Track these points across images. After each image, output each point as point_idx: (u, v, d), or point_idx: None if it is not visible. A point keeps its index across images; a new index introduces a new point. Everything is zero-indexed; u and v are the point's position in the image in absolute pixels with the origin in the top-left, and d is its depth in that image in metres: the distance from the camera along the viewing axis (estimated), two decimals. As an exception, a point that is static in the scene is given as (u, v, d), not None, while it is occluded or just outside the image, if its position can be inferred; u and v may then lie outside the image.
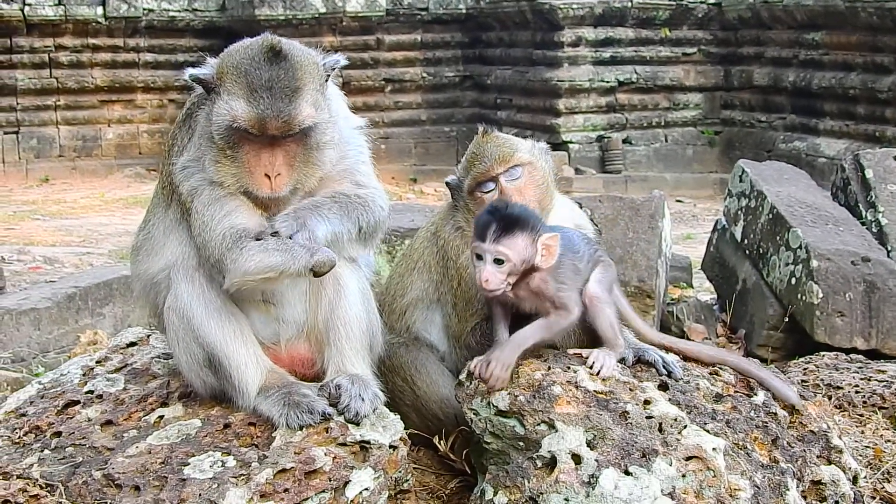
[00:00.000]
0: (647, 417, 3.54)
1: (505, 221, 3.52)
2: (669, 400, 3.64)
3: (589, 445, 3.43)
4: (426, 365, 4.14)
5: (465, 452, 3.87)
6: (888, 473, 4.25)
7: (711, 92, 21.48)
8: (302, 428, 3.51)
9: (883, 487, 4.12)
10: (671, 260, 7.21)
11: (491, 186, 4.03)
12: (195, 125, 3.69)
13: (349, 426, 3.53)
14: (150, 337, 4.44)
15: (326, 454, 3.42)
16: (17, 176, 20.93)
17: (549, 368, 3.65)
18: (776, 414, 3.79)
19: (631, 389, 3.64)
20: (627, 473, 3.36)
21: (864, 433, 4.71)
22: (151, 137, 22.01)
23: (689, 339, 6.14)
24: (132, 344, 4.40)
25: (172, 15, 21.86)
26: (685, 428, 3.54)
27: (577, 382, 3.60)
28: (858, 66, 18.28)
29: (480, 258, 3.54)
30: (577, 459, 3.40)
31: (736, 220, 7.30)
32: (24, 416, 3.90)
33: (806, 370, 5.57)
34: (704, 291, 8.62)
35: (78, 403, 3.90)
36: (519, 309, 3.70)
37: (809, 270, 6.27)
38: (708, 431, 3.56)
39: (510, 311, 3.72)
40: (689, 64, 21.36)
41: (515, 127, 20.09)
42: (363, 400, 3.57)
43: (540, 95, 20.94)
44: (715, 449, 3.48)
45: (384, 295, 4.36)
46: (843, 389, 5.21)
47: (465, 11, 22.32)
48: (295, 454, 3.42)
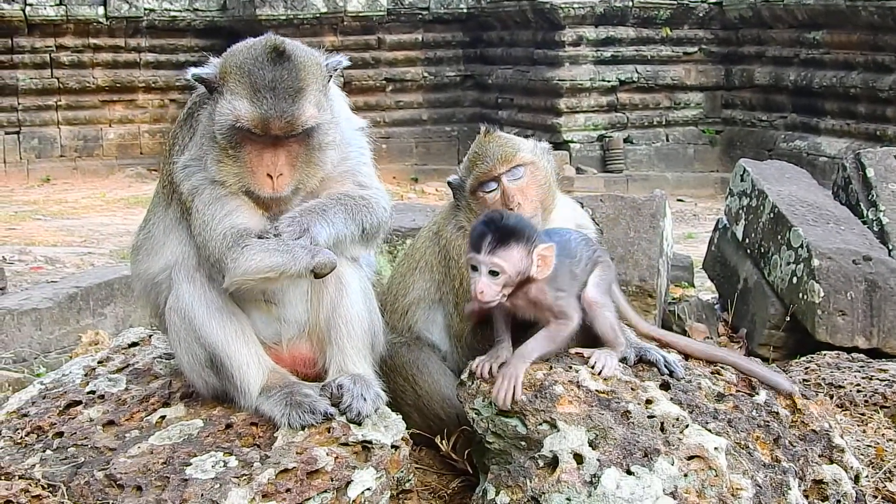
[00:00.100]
0: (648, 417, 3.54)
1: (500, 233, 3.48)
2: (671, 399, 3.64)
3: (591, 445, 3.43)
4: (428, 364, 4.13)
5: (466, 452, 3.87)
6: (890, 472, 4.24)
7: (712, 91, 21.46)
8: (304, 428, 3.51)
9: (885, 486, 4.12)
10: (672, 259, 7.21)
11: (493, 186, 4.03)
12: (196, 124, 3.69)
13: (351, 426, 3.53)
14: (151, 337, 4.43)
15: (328, 454, 3.42)
16: (18, 176, 20.93)
17: (550, 368, 3.64)
18: (778, 413, 3.79)
19: (633, 389, 3.64)
20: (629, 473, 3.36)
21: (865, 432, 4.71)
22: (152, 137, 22.00)
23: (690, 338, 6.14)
24: (134, 344, 4.40)
25: (173, 15, 21.85)
26: (687, 427, 3.54)
27: (578, 382, 3.60)
28: (859, 65, 18.26)
29: (476, 269, 3.52)
30: (578, 459, 3.40)
31: (737, 219, 7.29)
32: (25, 416, 3.90)
33: (807, 369, 5.57)
34: (706, 291, 8.61)
35: (80, 404, 3.90)
36: (517, 316, 3.70)
37: (811, 269, 6.27)
38: (710, 431, 3.56)
39: (510, 311, 3.72)
40: (690, 63, 21.35)
41: (516, 126, 20.07)
42: (365, 400, 3.57)
43: (541, 95, 20.94)
44: (717, 448, 3.48)
45: (386, 294, 4.35)
46: (844, 388, 5.21)
47: (466, 11, 22.31)
48: (297, 454, 3.42)
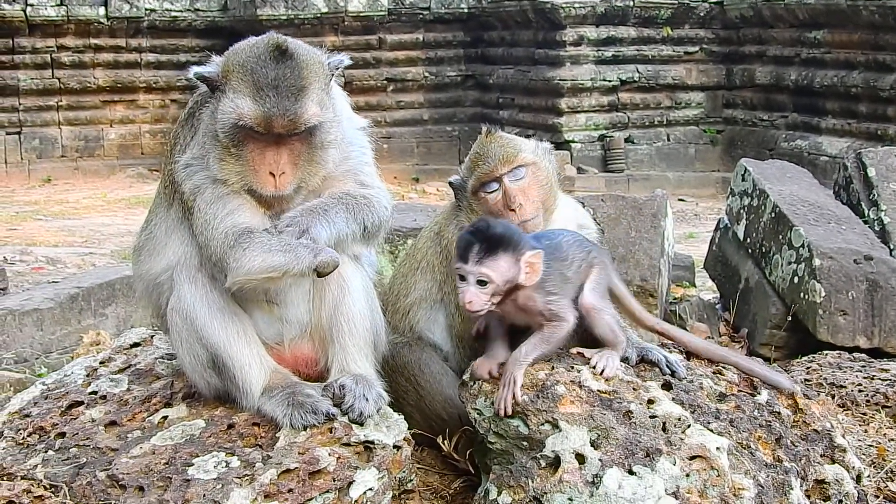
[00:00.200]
0: (650, 417, 3.54)
1: (487, 242, 3.47)
2: (673, 399, 3.64)
3: (593, 445, 3.43)
4: (430, 365, 4.13)
5: (468, 452, 3.87)
6: (892, 472, 4.24)
7: (713, 91, 21.44)
8: (306, 428, 3.50)
9: (886, 486, 4.12)
10: (674, 259, 7.21)
11: (495, 187, 4.03)
12: (198, 124, 3.69)
13: (353, 426, 3.53)
14: (153, 337, 4.43)
15: (330, 454, 3.42)
16: (19, 176, 20.92)
17: (552, 368, 3.64)
18: (780, 413, 3.79)
19: (634, 389, 3.64)
20: (631, 473, 3.36)
21: (867, 432, 4.71)
22: (154, 137, 21.98)
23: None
24: (136, 344, 4.40)
25: (174, 15, 21.83)
26: (689, 427, 3.54)
27: (580, 382, 3.60)
28: (860, 64, 18.25)
29: (464, 279, 3.51)
30: (580, 459, 3.40)
31: (738, 218, 7.29)
32: (27, 416, 3.90)
33: (809, 369, 5.57)
34: (707, 290, 8.61)
35: (82, 404, 3.90)
36: (508, 321, 3.69)
37: (812, 269, 6.27)
38: (711, 431, 3.56)
39: (502, 318, 3.71)
40: (691, 63, 21.32)
41: (517, 126, 20.06)
42: (367, 400, 3.57)
43: (542, 95, 20.92)
44: (719, 448, 3.48)
45: (387, 294, 4.35)
46: (846, 388, 5.21)
47: (467, 11, 22.29)
48: (299, 454, 3.42)
